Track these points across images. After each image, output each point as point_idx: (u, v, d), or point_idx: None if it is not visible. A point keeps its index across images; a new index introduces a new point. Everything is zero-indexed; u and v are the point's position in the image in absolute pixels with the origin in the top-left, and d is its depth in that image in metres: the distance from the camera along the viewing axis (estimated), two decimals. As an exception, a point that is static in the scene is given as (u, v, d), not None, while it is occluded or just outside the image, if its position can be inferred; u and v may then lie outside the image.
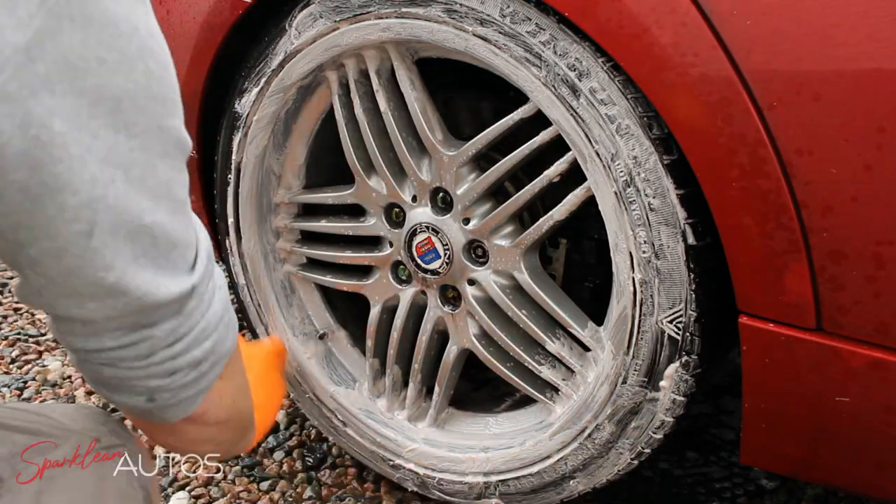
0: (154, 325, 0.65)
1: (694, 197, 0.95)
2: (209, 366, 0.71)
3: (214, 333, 0.69)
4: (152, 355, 0.67)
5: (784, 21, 0.82)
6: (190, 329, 0.67)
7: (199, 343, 0.68)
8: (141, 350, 0.66)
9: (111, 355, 0.66)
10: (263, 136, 1.31)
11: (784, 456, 1.01)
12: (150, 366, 0.67)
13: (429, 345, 1.30)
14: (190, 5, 1.29)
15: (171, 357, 0.67)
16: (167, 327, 0.65)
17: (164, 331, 0.65)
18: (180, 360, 0.68)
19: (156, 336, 0.65)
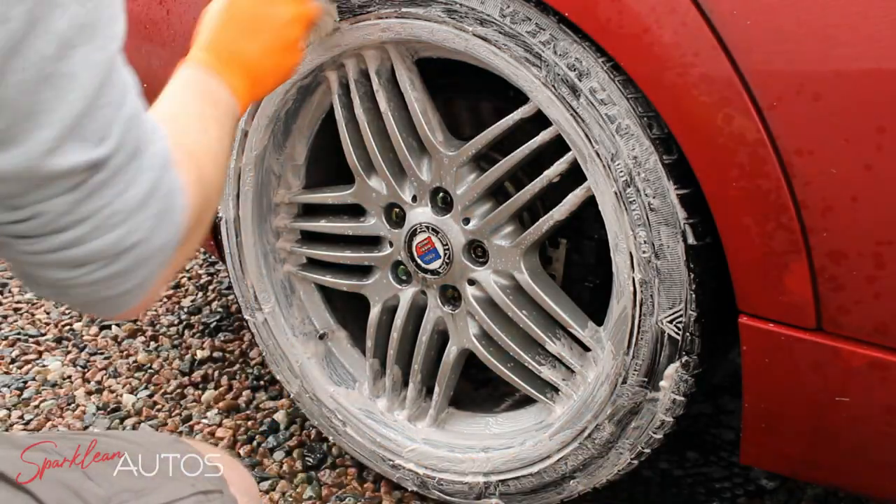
0: (45, 199, 0.57)
1: (694, 197, 0.95)
2: (130, 263, 0.62)
3: (129, 222, 0.60)
4: (42, 239, 0.59)
5: (784, 21, 0.82)
6: (90, 213, 0.58)
7: (105, 231, 0.59)
8: (31, 228, 0.58)
9: (4, 232, 0.59)
10: (263, 136, 1.31)
11: (784, 456, 1.01)
12: (46, 252, 0.59)
13: (429, 345, 1.30)
14: (190, 5, 1.29)
15: (65, 245, 0.59)
16: (60, 203, 0.57)
17: (57, 207, 0.57)
18: (80, 250, 0.59)
19: (46, 213, 0.57)
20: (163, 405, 1.68)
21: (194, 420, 1.63)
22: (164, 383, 1.75)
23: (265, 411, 1.65)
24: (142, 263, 0.62)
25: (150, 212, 0.61)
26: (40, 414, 1.66)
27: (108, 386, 1.75)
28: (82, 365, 1.82)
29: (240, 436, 1.58)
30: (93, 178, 0.57)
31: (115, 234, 0.60)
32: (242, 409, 1.66)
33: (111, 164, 0.58)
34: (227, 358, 1.83)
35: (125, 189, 0.59)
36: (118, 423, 1.63)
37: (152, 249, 0.62)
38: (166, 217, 0.63)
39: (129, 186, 0.60)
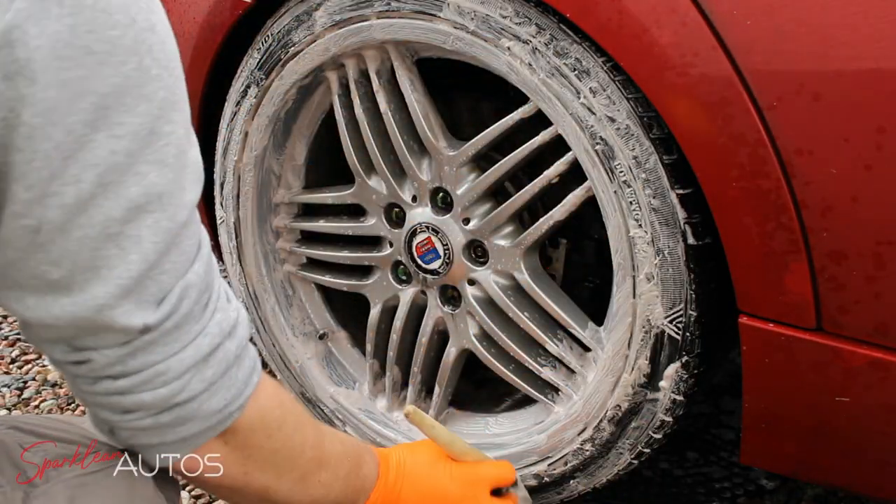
0: (95, 348, 0.60)
1: (694, 197, 0.95)
2: (175, 418, 0.64)
3: (179, 381, 0.62)
4: (96, 382, 0.62)
5: (784, 21, 0.82)
6: (141, 367, 0.61)
7: (152, 388, 0.62)
8: (87, 371, 0.61)
9: (64, 370, 0.63)
10: (263, 136, 1.31)
11: (784, 456, 1.01)
12: (97, 395, 0.62)
13: (429, 345, 1.30)
14: (190, 5, 1.29)
15: (116, 392, 0.62)
16: (110, 355, 0.60)
17: (106, 358, 0.60)
18: (128, 399, 0.62)
19: (95, 361, 0.60)
20: (163, 405, 1.68)
21: (194, 420, 1.63)
22: (164, 383, 1.75)
23: (265, 411, 1.64)
24: (186, 420, 0.64)
25: (205, 374, 0.63)
26: (40, 414, 1.66)
27: (108, 386, 1.75)
28: (82, 365, 1.82)
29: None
30: (142, 336, 0.59)
31: (166, 390, 0.62)
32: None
33: (162, 328, 0.60)
34: (227, 358, 1.83)
35: (179, 350, 0.61)
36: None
37: (201, 411, 0.64)
38: (224, 382, 0.65)
39: (184, 348, 0.62)
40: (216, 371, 0.64)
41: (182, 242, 0.60)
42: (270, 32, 1.22)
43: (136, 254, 0.57)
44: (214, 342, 0.63)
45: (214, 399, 0.65)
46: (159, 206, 0.57)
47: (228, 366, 0.65)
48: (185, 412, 0.64)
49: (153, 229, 0.57)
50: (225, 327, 0.65)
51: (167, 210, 0.58)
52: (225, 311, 0.65)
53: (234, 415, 0.67)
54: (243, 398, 0.67)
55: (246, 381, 0.67)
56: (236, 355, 0.66)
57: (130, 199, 0.55)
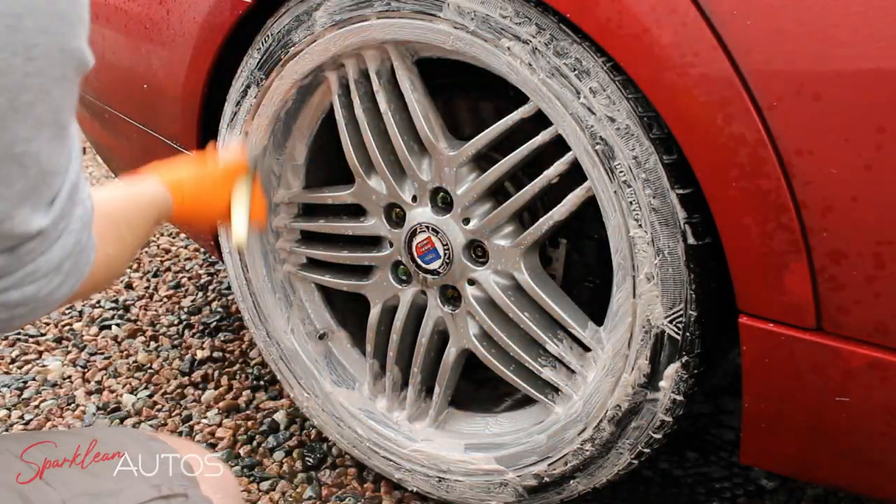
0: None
1: (694, 197, 0.95)
2: (26, 311, 0.64)
3: (41, 280, 0.62)
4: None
5: (784, 21, 0.82)
6: (15, 269, 0.60)
7: (20, 286, 0.61)
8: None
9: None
10: (263, 136, 1.31)
11: (784, 456, 1.01)
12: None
13: (429, 345, 1.30)
14: (190, 5, 1.29)
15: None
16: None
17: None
18: (6, 296, 0.61)
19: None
20: (163, 405, 1.68)
21: (194, 420, 1.63)
22: (164, 383, 1.75)
23: (265, 411, 1.65)
24: (44, 307, 0.64)
25: (64, 268, 0.63)
26: (40, 414, 1.66)
27: (108, 386, 1.75)
28: (82, 365, 1.82)
29: (240, 436, 1.58)
30: (28, 244, 0.59)
31: (33, 288, 0.61)
32: (242, 409, 1.66)
33: (47, 232, 0.60)
34: (227, 358, 1.83)
35: (47, 250, 0.61)
36: (118, 423, 1.63)
37: (53, 300, 0.64)
38: (72, 276, 0.65)
39: (52, 247, 0.61)
40: (71, 263, 0.64)
41: (67, 142, 0.59)
42: (270, 32, 1.22)
43: (35, 167, 0.56)
44: (77, 238, 0.63)
45: (65, 287, 0.65)
46: (54, 120, 0.57)
47: (79, 255, 0.65)
48: (39, 304, 0.63)
49: (49, 142, 0.57)
50: (86, 220, 0.64)
51: (59, 120, 0.57)
52: (84, 203, 0.64)
53: (71, 294, 0.67)
54: (82, 279, 0.67)
55: (87, 262, 0.67)
56: (86, 245, 0.66)
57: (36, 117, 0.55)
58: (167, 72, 1.38)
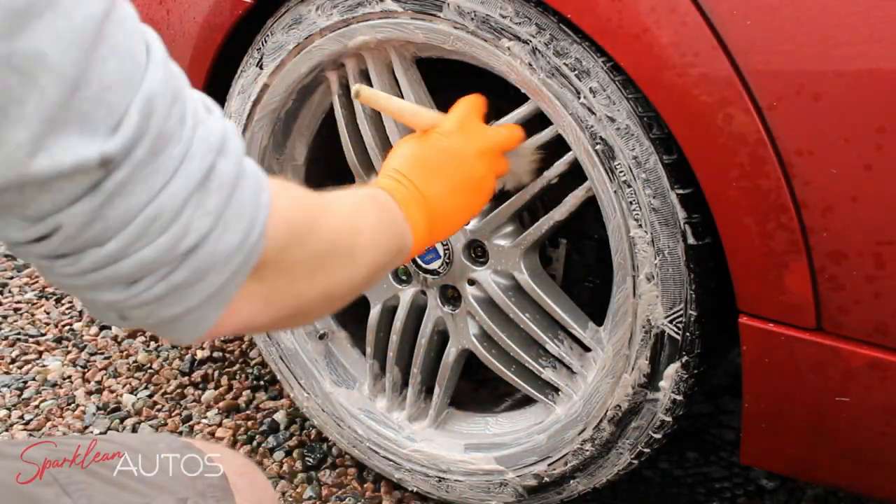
0: (57, 209, 0.46)
1: (694, 197, 0.95)
2: (192, 272, 0.51)
3: (178, 222, 0.49)
4: (79, 258, 0.48)
5: (784, 21, 0.82)
6: (126, 217, 0.48)
7: (151, 237, 0.49)
8: (61, 245, 0.48)
9: (31, 255, 0.49)
10: (263, 136, 1.31)
11: (784, 456, 1.01)
12: (89, 271, 0.49)
13: (428, 345, 1.30)
14: (190, 5, 1.29)
15: (106, 261, 0.49)
16: (79, 212, 0.47)
17: (77, 216, 0.47)
18: (127, 264, 0.49)
19: (68, 224, 0.47)
20: (163, 405, 1.68)
21: (194, 420, 1.63)
22: (164, 383, 1.75)
23: (265, 411, 1.65)
24: (208, 271, 0.52)
25: (206, 206, 0.50)
26: (40, 414, 1.66)
27: (108, 386, 1.75)
28: (82, 365, 1.82)
29: (240, 436, 1.58)
30: (111, 177, 0.46)
31: (165, 239, 0.49)
32: (242, 409, 1.66)
33: (133, 158, 0.47)
34: (227, 358, 1.83)
35: (165, 182, 0.48)
36: (118, 423, 1.63)
37: (219, 253, 0.52)
38: (232, 213, 0.52)
39: (171, 179, 0.49)
40: (219, 199, 0.51)
41: (111, 44, 0.46)
42: (270, 32, 1.22)
43: (45, 75, 0.43)
44: (205, 164, 0.50)
45: (228, 234, 0.52)
46: (50, 4, 0.43)
47: (232, 189, 0.52)
48: (200, 261, 0.51)
49: (55, 37, 0.43)
50: (213, 142, 0.51)
51: (63, 4, 0.43)
52: (207, 125, 0.52)
53: (257, 247, 0.54)
54: (260, 224, 0.54)
55: (255, 202, 0.54)
56: (236, 175, 0.53)
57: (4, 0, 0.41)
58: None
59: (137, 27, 0.49)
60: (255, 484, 0.77)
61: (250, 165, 0.55)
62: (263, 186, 0.55)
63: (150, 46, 0.49)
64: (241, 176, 0.53)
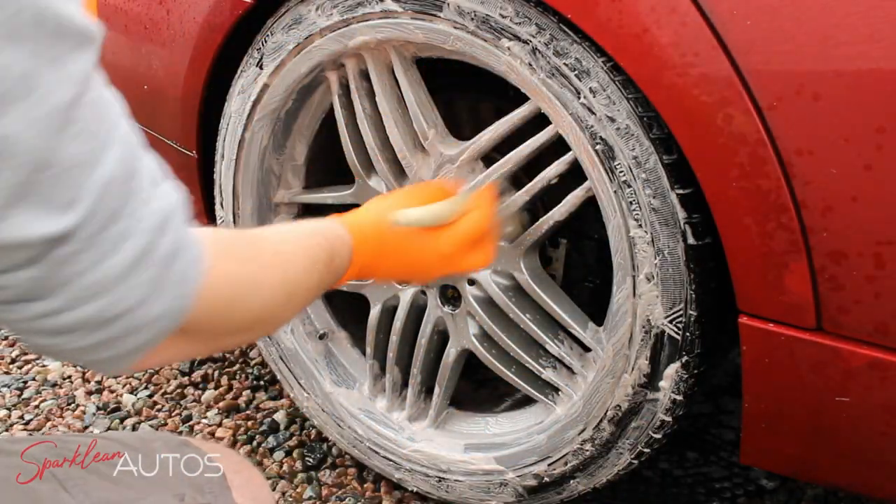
0: (5, 271, 0.49)
1: (694, 197, 0.95)
2: (118, 332, 0.54)
3: (112, 292, 0.52)
4: (19, 305, 0.51)
5: (784, 21, 0.82)
6: (64, 284, 0.50)
7: (83, 302, 0.52)
8: (4, 297, 0.51)
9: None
10: (263, 136, 1.31)
11: (784, 456, 1.01)
12: (26, 320, 0.52)
13: (428, 345, 1.30)
14: (190, 5, 1.29)
15: (40, 315, 0.52)
16: (22, 277, 0.49)
17: (21, 280, 0.50)
18: (59, 320, 0.52)
19: (11, 286, 0.50)
20: (163, 405, 1.68)
21: (194, 420, 1.63)
22: (164, 383, 1.75)
23: (265, 411, 1.65)
24: (133, 331, 0.55)
25: (141, 279, 0.53)
26: (40, 414, 1.66)
27: (108, 386, 1.75)
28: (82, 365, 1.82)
29: (240, 436, 1.58)
30: (55, 251, 0.49)
31: (96, 305, 0.52)
32: (242, 409, 1.66)
33: (79, 236, 0.49)
34: (227, 358, 1.83)
35: (103, 258, 0.51)
36: (118, 423, 1.63)
37: (146, 318, 0.55)
38: (166, 284, 0.55)
39: (109, 254, 0.51)
40: (153, 273, 0.54)
41: (78, 128, 0.48)
42: (270, 32, 1.22)
43: (14, 156, 0.45)
44: (142, 243, 0.53)
45: (158, 303, 0.55)
46: (25, 93, 0.44)
47: (167, 264, 0.55)
48: (126, 324, 0.54)
49: (26, 122, 0.45)
50: (155, 223, 0.53)
51: (35, 93, 0.45)
52: (154, 203, 0.54)
53: (180, 314, 0.57)
54: (190, 294, 0.57)
55: (190, 274, 0.57)
56: (173, 252, 0.55)
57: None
58: (167, 72, 1.38)
59: (104, 104, 0.51)
60: (251, 481, 0.78)
61: (191, 237, 0.58)
62: (200, 257, 0.58)
63: (114, 123, 0.51)
64: (179, 250, 0.56)
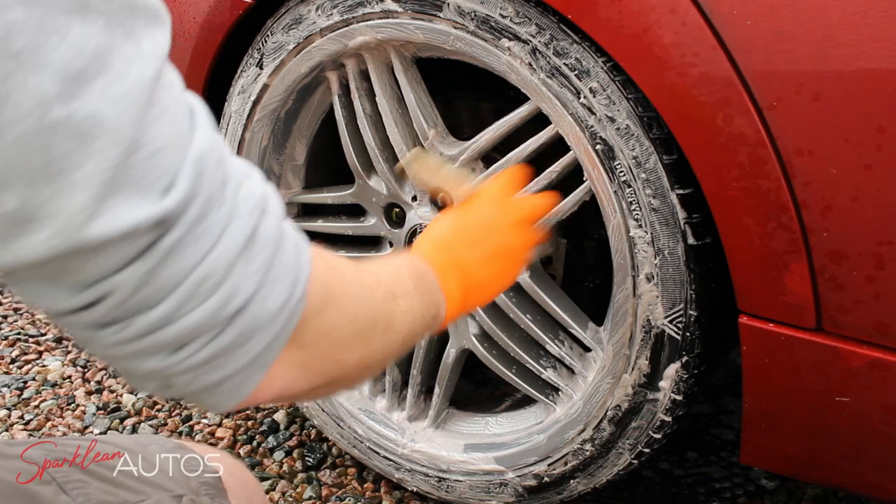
0: (108, 273, 0.45)
1: (694, 197, 0.95)
2: (238, 335, 0.50)
3: (227, 283, 0.49)
4: (127, 321, 0.47)
5: (784, 21, 0.82)
6: (177, 280, 0.47)
7: (200, 300, 0.48)
8: (108, 313, 0.47)
9: (75, 324, 0.48)
10: (263, 136, 1.31)
11: (784, 456, 1.01)
12: (135, 339, 0.48)
13: (428, 346, 1.30)
14: (190, 5, 1.29)
15: (155, 326, 0.48)
16: (130, 276, 0.46)
17: (128, 281, 0.46)
18: (175, 329, 0.48)
19: (116, 290, 0.46)
20: (163, 405, 1.68)
21: (194, 420, 1.63)
22: (164, 383, 1.75)
23: (265, 411, 1.64)
24: (253, 333, 0.51)
25: (253, 266, 0.50)
26: (40, 414, 1.66)
27: (108, 386, 1.75)
28: (82, 365, 1.82)
29: (240, 436, 1.58)
30: (163, 238, 0.46)
31: (214, 301, 0.48)
32: (242, 408, 1.66)
33: (185, 219, 0.46)
34: (227, 358, 1.83)
35: (212, 244, 0.48)
36: (118, 423, 1.63)
37: (265, 314, 0.51)
38: (276, 272, 0.52)
39: (216, 241, 0.48)
40: (264, 259, 0.51)
41: (163, 104, 0.46)
42: (270, 32, 1.22)
43: (103, 138, 0.43)
44: (250, 224, 0.50)
45: (273, 294, 0.51)
46: (103, 69, 0.43)
47: (275, 249, 0.52)
48: (246, 322, 0.50)
49: (110, 100, 0.43)
50: (256, 203, 0.51)
51: (114, 68, 0.43)
52: (249, 186, 0.52)
53: (299, 307, 0.54)
54: (302, 283, 0.54)
55: (297, 261, 0.54)
56: (278, 234, 0.52)
57: (60, 66, 0.41)
58: (167, 72, 1.38)
59: (182, 91, 0.49)
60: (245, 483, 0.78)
61: (289, 226, 0.55)
62: (303, 246, 0.55)
63: (194, 111, 0.49)
64: (283, 236, 0.53)
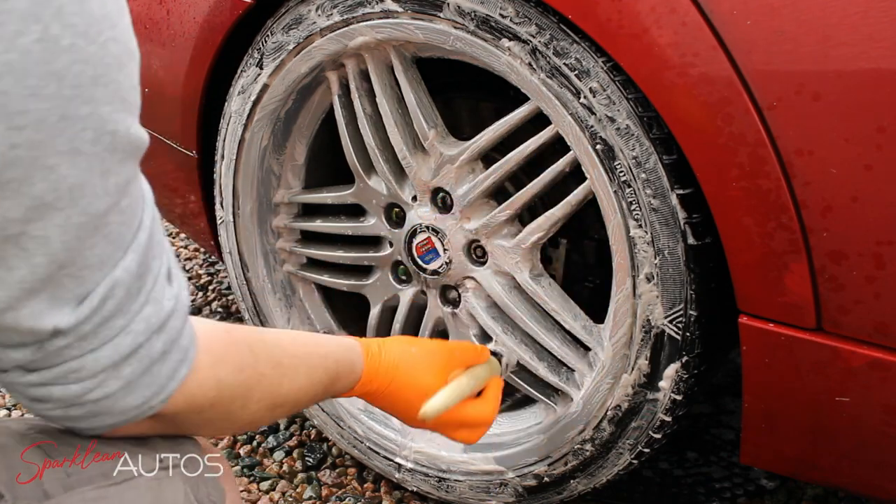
0: (3, 345, 0.54)
1: (694, 197, 0.95)
2: (87, 413, 0.58)
3: (94, 380, 0.56)
4: (9, 372, 0.56)
5: (784, 21, 0.82)
6: (48, 365, 0.55)
7: (63, 384, 0.56)
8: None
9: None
10: (263, 136, 1.31)
11: (784, 456, 1.01)
12: (18, 385, 0.57)
13: (429, 345, 1.30)
14: (190, 5, 1.29)
15: (25, 383, 0.56)
16: (19, 354, 0.54)
17: (16, 357, 0.54)
18: (40, 391, 0.56)
19: (8, 357, 0.54)
20: (163, 405, 1.68)
21: (194, 420, 1.63)
22: (164, 383, 1.75)
23: (265, 411, 1.64)
24: (105, 414, 0.58)
25: (122, 374, 0.57)
26: (40, 414, 1.66)
27: (108, 386, 1.75)
28: (82, 365, 1.82)
29: (239, 436, 1.58)
30: (55, 340, 0.53)
31: (77, 388, 0.56)
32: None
33: (80, 330, 0.53)
34: (227, 358, 1.83)
35: (96, 347, 0.55)
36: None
37: (120, 407, 0.58)
38: (144, 381, 0.58)
39: (102, 346, 0.55)
40: (135, 369, 0.57)
41: (106, 231, 0.51)
42: (270, 32, 1.22)
43: (42, 255, 0.48)
44: (137, 341, 0.56)
45: (131, 397, 0.58)
46: (70, 202, 0.48)
47: (151, 363, 0.58)
48: (98, 408, 0.58)
49: (62, 228, 0.48)
50: (153, 322, 0.57)
51: (79, 203, 0.49)
52: (158, 303, 0.57)
53: (153, 408, 0.60)
54: (165, 394, 0.60)
55: (171, 375, 0.60)
56: (162, 351, 0.58)
57: (35, 196, 0.46)
58: (167, 72, 1.38)
59: (134, 207, 0.54)
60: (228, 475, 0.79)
61: (187, 338, 0.60)
62: (187, 361, 0.61)
63: (139, 225, 0.54)
64: (170, 351, 0.59)
